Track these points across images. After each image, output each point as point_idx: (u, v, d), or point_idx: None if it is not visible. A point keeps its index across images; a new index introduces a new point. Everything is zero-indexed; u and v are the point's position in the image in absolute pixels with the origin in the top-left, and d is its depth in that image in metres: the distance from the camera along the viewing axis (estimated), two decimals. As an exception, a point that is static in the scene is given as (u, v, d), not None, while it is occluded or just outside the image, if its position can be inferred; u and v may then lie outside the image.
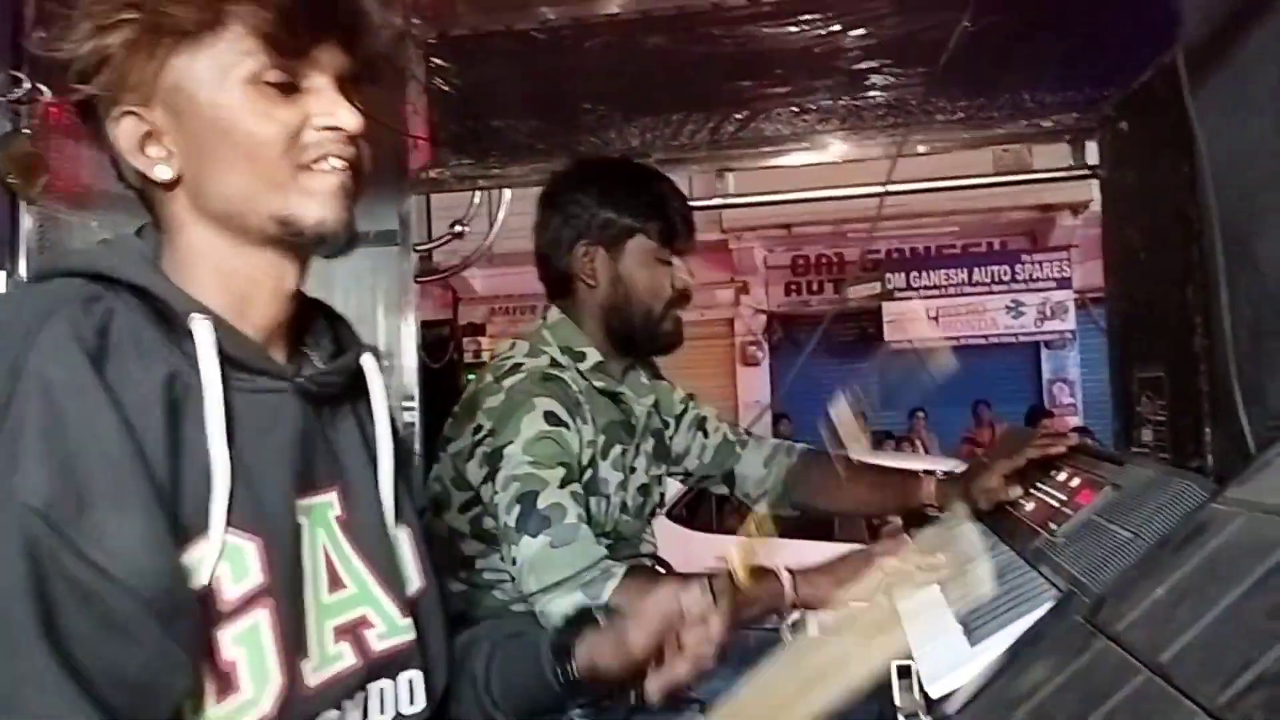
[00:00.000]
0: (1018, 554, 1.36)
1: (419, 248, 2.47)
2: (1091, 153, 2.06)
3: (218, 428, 0.79)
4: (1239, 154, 1.26)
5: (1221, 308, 1.29)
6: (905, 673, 1.17)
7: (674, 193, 1.63)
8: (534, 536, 1.36)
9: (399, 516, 0.95)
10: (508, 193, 2.36)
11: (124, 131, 0.83)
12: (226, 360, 0.82)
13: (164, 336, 0.81)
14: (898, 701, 1.15)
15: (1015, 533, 1.43)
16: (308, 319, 0.95)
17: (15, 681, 0.66)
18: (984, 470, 1.56)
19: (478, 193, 2.35)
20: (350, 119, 0.84)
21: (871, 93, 1.92)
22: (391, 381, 2.25)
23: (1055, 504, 1.38)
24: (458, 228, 2.43)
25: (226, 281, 0.86)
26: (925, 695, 1.12)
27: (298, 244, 0.86)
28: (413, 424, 2.29)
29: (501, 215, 2.40)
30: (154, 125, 0.83)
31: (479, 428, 1.46)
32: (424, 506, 1.04)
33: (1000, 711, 0.92)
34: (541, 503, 1.37)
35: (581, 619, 1.02)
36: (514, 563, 1.37)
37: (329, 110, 0.84)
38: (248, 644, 0.79)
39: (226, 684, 0.77)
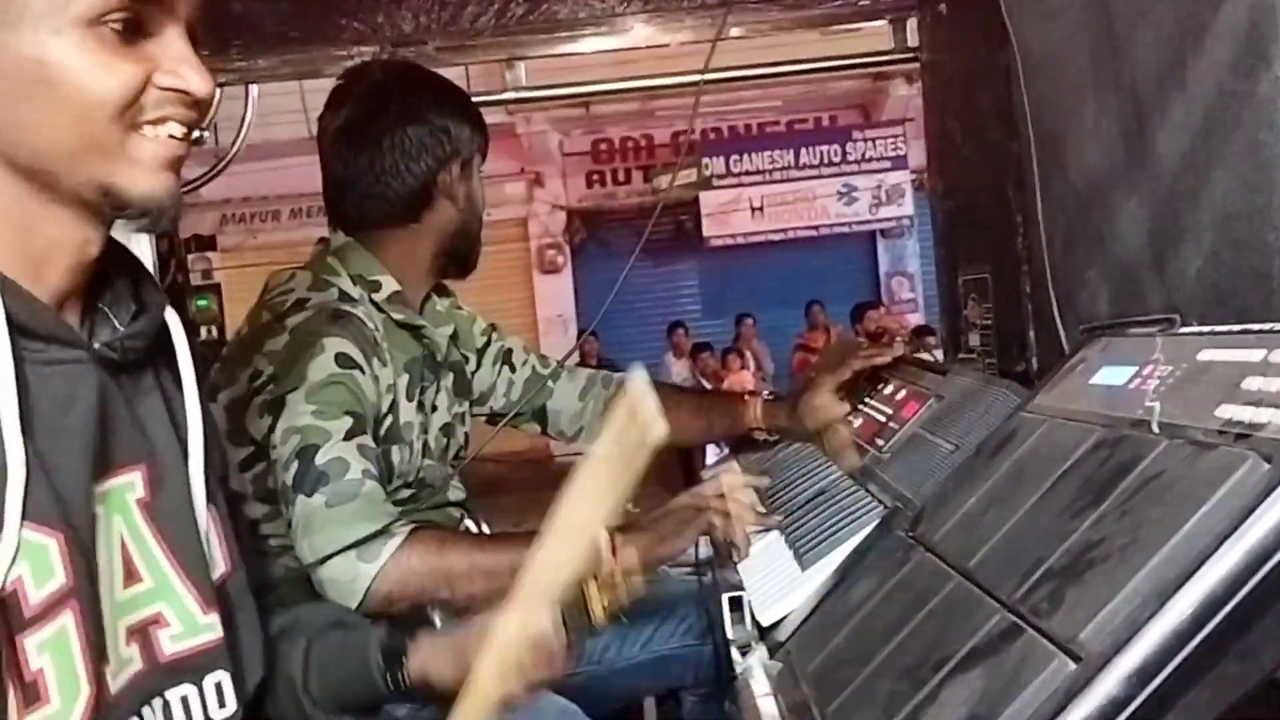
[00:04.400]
0: (847, 473, 1.57)
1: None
2: (914, 33, 2.26)
3: (10, 409, 0.80)
4: (1048, 54, 1.46)
5: (1036, 208, 1.51)
6: (737, 604, 1.35)
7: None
8: (309, 496, 1.44)
9: (210, 498, 1.00)
10: (255, 88, 2.36)
11: None
12: (15, 329, 0.83)
13: None
14: (730, 634, 1.34)
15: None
16: (106, 272, 0.95)
17: None
18: (810, 387, 1.76)
19: (219, 90, 2.33)
20: (202, 83, 0.85)
21: (679, -30, 2.04)
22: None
23: (882, 419, 1.59)
24: (197, 133, 2.41)
25: (23, 240, 0.86)
26: (757, 624, 1.31)
27: (115, 215, 0.88)
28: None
29: (250, 114, 2.40)
30: None
31: (258, 373, 1.52)
32: (225, 474, 1.10)
33: (827, 631, 1.11)
34: (321, 458, 1.45)
35: (415, 621, 1.10)
36: (289, 526, 1.46)
37: (178, 69, 0.84)
38: (54, 651, 0.83)
39: (34, 695, 0.81)
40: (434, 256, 1.73)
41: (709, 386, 8.88)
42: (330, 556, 1.42)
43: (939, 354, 2.98)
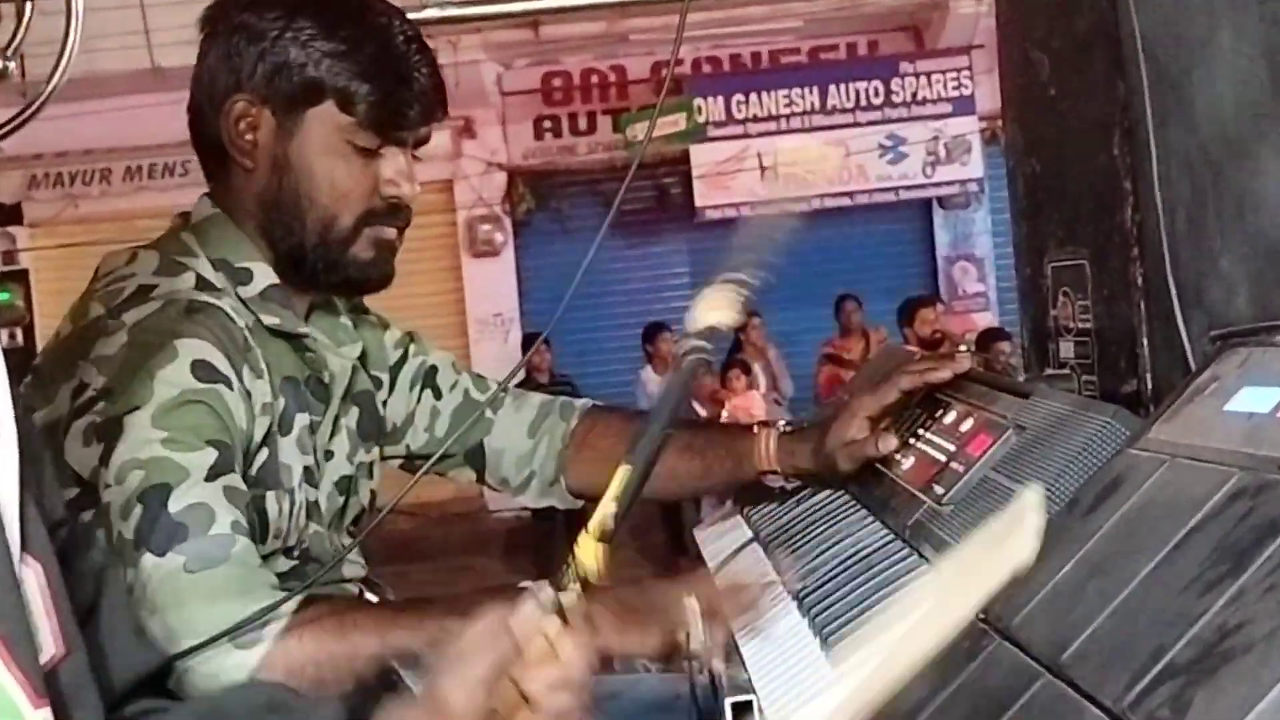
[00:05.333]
0: (894, 531, 1.57)
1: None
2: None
3: None
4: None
5: (1152, 170, 1.52)
6: (744, 711, 1.35)
7: (408, 38, 1.66)
8: (161, 555, 1.44)
9: (26, 546, 1.00)
10: (79, 2, 2.36)
11: None
12: None
13: None
14: (736, 754, 1.34)
15: (890, 500, 1.65)
16: None
17: None
18: (843, 415, 1.76)
19: (30, 4, 2.33)
20: None
21: None
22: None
23: (941, 457, 1.60)
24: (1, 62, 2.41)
25: None
26: (774, 739, 1.31)
27: None
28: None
29: (73, 38, 2.39)
30: None
31: (83, 387, 1.52)
32: (61, 519, 1.10)
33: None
34: (175, 503, 1.45)
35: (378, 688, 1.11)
36: (131, 593, 1.44)
37: None
38: None
39: None
40: (261, 242, 1.68)
41: (703, 414, 8.88)
42: (195, 645, 1.41)
43: (1018, 368, 2.99)
